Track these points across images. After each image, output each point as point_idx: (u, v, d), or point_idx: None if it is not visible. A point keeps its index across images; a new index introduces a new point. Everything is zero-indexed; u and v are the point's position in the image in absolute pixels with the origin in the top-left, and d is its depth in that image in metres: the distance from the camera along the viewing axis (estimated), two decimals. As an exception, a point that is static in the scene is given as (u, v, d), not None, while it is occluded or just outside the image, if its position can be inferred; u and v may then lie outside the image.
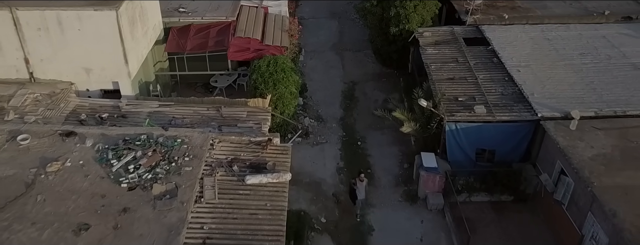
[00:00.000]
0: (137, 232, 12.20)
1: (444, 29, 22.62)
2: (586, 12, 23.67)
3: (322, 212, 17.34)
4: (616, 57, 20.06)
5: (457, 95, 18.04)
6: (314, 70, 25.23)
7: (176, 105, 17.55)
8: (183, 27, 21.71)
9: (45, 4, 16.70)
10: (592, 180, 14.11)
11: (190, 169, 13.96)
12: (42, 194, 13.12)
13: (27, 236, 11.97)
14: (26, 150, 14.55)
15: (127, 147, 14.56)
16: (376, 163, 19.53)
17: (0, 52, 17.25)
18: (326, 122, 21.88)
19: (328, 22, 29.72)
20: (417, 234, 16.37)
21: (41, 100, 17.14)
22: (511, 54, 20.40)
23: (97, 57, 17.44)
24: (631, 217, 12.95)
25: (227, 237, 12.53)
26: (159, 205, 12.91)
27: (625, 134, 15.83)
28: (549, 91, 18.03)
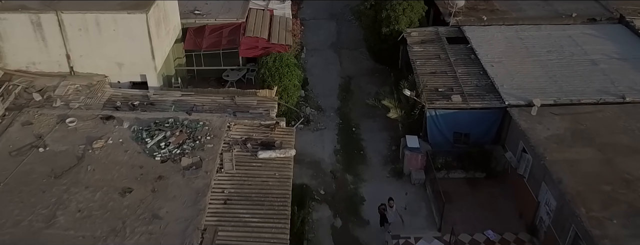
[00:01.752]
0: (171, 194, 14.98)
1: (429, 29, 25.39)
2: (556, 14, 26.41)
3: (321, 185, 20.16)
4: (578, 54, 22.80)
5: (438, 87, 20.82)
6: (314, 66, 28.01)
7: (196, 95, 20.35)
8: (199, 27, 24.48)
9: (86, 7, 19.50)
10: (545, 155, 16.86)
11: (212, 146, 16.74)
12: (91, 164, 15.90)
13: (82, 197, 14.75)
14: (74, 131, 17.34)
15: (158, 128, 17.35)
16: (368, 146, 22.36)
17: (46, 49, 20.04)
18: (325, 111, 24.69)
19: (327, 23, 32.53)
20: (402, 203, 19.12)
21: (81, 90, 19.94)
22: (487, 51, 23.15)
23: (128, 54, 20.23)
24: (573, 183, 15.70)
25: (243, 199, 15.29)
26: (187, 174, 15.69)
27: (577, 118, 18.58)
28: (516, 83, 20.77)
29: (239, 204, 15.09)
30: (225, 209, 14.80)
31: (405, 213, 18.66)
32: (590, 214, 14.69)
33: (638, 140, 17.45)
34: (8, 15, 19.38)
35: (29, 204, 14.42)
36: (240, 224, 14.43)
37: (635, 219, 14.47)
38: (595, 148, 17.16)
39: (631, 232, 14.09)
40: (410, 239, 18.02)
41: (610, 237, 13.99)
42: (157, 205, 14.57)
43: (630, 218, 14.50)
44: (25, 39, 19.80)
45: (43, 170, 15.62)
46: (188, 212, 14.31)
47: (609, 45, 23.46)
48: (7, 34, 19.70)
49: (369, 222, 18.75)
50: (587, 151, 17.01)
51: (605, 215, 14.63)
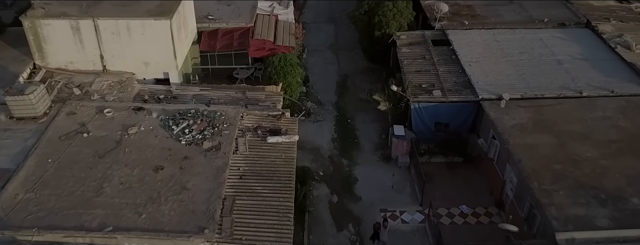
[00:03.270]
0: (196, 171, 17.97)
1: (417, 33, 28.39)
2: (530, 19, 29.39)
3: (320, 168, 23.21)
4: (546, 55, 25.79)
5: (421, 83, 23.82)
6: (314, 66, 31.03)
7: (212, 90, 23.35)
8: (212, 31, 27.45)
9: (118, 14, 22.54)
10: (509, 140, 19.87)
11: (228, 132, 19.74)
12: (128, 147, 18.91)
13: (123, 172, 17.76)
14: (111, 119, 20.36)
15: (182, 118, 20.35)
16: (361, 135, 25.41)
17: (83, 50, 23.05)
18: (324, 105, 27.71)
19: (326, 26, 35.55)
20: (389, 183, 22.17)
21: (113, 85, 22.97)
22: (466, 52, 26.11)
23: (153, 54, 23.24)
24: (530, 163, 18.70)
25: (255, 175, 18.27)
26: (208, 155, 18.70)
27: (539, 110, 21.58)
28: (490, 80, 23.76)
29: (252, 179, 18.08)
30: (241, 182, 17.80)
31: (392, 191, 21.76)
32: (541, 187, 17.71)
33: (588, 128, 20.46)
34: (51, 21, 22.40)
35: (79, 178, 17.44)
36: (254, 194, 17.43)
37: (577, 191, 17.48)
38: (552, 135, 20.18)
39: (573, 201, 17.10)
40: (397, 212, 21.11)
41: (556, 204, 17.00)
42: (184, 179, 17.58)
43: (573, 190, 17.51)
44: (65, 42, 22.81)
45: (88, 151, 18.65)
46: (210, 185, 17.33)
47: (574, 47, 26.45)
48: (50, 37, 22.71)
49: (361, 198, 21.85)
50: (544, 137, 20.03)
51: (554, 188, 17.65)
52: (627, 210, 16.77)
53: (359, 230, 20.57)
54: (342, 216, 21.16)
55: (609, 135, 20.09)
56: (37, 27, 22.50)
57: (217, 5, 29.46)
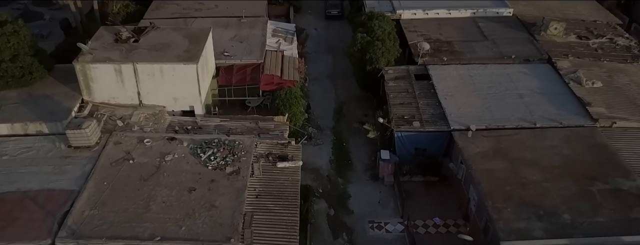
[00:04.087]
0: (221, 191, 22.56)
1: (402, 68, 33.01)
2: (500, 55, 34.03)
3: (319, 186, 27.87)
4: (510, 89, 30.40)
5: (404, 115, 28.44)
6: (315, 94, 35.66)
7: (230, 120, 28.01)
8: (228, 66, 32.09)
9: (153, 59, 27.17)
10: (472, 166, 24.51)
11: (245, 158, 24.36)
12: (166, 172, 23.55)
13: (164, 193, 22.36)
14: (150, 148, 24.98)
15: (208, 146, 24.97)
16: (354, 157, 30.08)
17: (123, 87, 27.66)
18: (323, 130, 32.36)
19: (325, 56, 40.22)
20: (377, 199, 26.80)
21: (148, 117, 27.61)
22: (443, 86, 30.72)
23: (182, 91, 27.84)
24: (487, 185, 23.28)
25: (268, 195, 22.88)
26: (230, 178, 23.32)
27: (499, 140, 26.20)
28: (461, 112, 28.34)
29: (266, 198, 22.70)
30: (257, 201, 22.43)
31: (379, 205, 26.42)
32: (494, 205, 22.33)
33: (537, 156, 25.07)
34: (98, 65, 27.04)
35: (130, 197, 22.06)
36: (267, 210, 22.03)
37: (521, 208, 22.08)
38: (507, 161, 24.80)
39: (517, 216, 21.71)
40: (382, 223, 25.77)
41: (504, 219, 21.61)
42: (212, 198, 22.19)
43: (518, 207, 22.11)
44: (109, 81, 27.42)
45: (135, 175, 23.28)
46: (233, 203, 21.94)
47: (535, 82, 31.08)
48: (97, 78, 27.33)
49: (353, 212, 26.51)
50: (500, 163, 24.64)
51: (504, 206, 22.27)
52: (558, 224, 21.40)
53: (351, 238, 25.20)
54: (338, 227, 25.80)
55: (552, 161, 24.70)
56: (87, 70, 27.14)
57: (231, 42, 34.19)
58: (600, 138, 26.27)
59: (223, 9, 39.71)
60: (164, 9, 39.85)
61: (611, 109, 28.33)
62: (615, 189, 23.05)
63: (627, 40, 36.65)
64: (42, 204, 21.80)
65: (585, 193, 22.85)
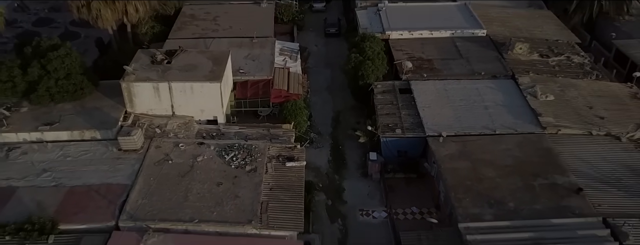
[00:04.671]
0: (242, 185, 28.57)
1: (389, 83, 38.97)
2: (472, 72, 40.04)
3: (319, 181, 33.87)
4: (478, 102, 36.41)
5: (389, 123, 34.45)
6: (315, 104, 41.66)
7: (247, 128, 34.05)
8: (243, 82, 38.11)
9: (185, 79, 33.18)
10: (441, 165, 30.53)
11: (260, 159, 30.37)
12: (198, 170, 29.59)
13: (198, 187, 28.36)
14: (184, 151, 31.01)
15: (230, 150, 31.02)
16: (348, 158, 36.11)
17: (160, 101, 33.64)
18: (323, 135, 38.38)
19: (324, 71, 46.27)
20: (366, 191, 32.87)
21: (180, 126, 33.64)
22: (422, 99, 36.69)
23: (207, 104, 33.86)
24: (452, 180, 29.28)
25: (279, 188, 28.86)
26: (249, 174, 29.38)
27: (465, 144, 32.19)
28: (436, 121, 34.32)
29: (278, 190, 28.68)
30: (271, 192, 28.45)
31: (368, 197, 32.49)
32: (456, 196, 28.32)
33: (494, 157, 31.04)
34: (140, 83, 33.10)
35: (172, 190, 28.08)
36: (278, 200, 28.02)
37: (477, 198, 28.05)
38: (469, 161, 30.80)
39: (473, 205, 27.70)
40: (370, 211, 31.83)
41: (463, 207, 27.57)
42: (236, 190, 28.21)
43: (475, 198, 28.10)
44: (147, 96, 33.45)
45: (174, 173, 29.32)
46: (252, 194, 27.94)
47: (499, 96, 37.06)
48: (138, 93, 33.36)
49: (347, 202, 32.54)
50: (464, 163, 30.64)
51: (464, 196, 28.28)
52: (504, 210, 27.42)
53: (345, 223, 31.27)
54: (334, 214, 31.85)
55: (505, 162, 30.72)
56: (130, 87, 33.20)
57: (245, 61, 40.22)
58: (546, 143, 32.30)
59: (237, 30, 45.75)
60: (185, 29, 45.91)
61: (558, 119, 34.34)
62: (552, 183, 29.09)
63: (581, 58, 42.69)
64: (103, 194, 27.87)
65: (528, 186, 28.90)
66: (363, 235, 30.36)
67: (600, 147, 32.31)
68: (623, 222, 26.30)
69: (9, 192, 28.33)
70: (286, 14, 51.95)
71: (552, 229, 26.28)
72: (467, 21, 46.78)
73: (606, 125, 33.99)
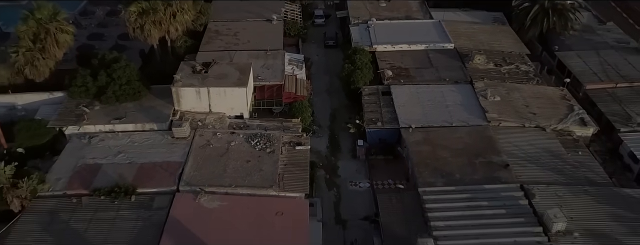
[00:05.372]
0: (265, 162, 39.28)
1: (374, 87, 49.61)
2: (439, 78, 50.67)
3: (320, 161, 44.57)
4: (441, 102, 47.06)
5: (372, 118, 45.20)
6: (317, 103, 52.33)
7: (265, 121, 44.80)
8: (261, 86, 48.74)
9: (219, 85, 43.88)
10: (410, 149, 41.27)
11: (277, 144, 41.08)
12: (232, 152, 40.33)
13: (233, 163, 39.08)
14: (220, 138, 41.74)
15: (254, 137, 41.75)
16: (342, 144, 46.87)
17: (200, 101, 44.27)
18: (322, 127, 49.10)
19: (324, 77, 56.97)
20: (355, 168, 43.68)
21: (216, 120, 44.34)
22: (399, 100, 47.34)
23: (236, 103, 44.55)
24: (417, 160, 39.97)
25: (291, 164, 39.59)
26: (269, 155, 40.12)
27: (428, 134, 42.85)
28: (408, 117, 44.96)
29: (290, 166, 39.43)
30: (285, 168, 39.20)
31: (356, 172, 43.27)
32: (418, 170, 39.10)
33: (449, 143, 41.70)
34: (185, 88, 43.82)
35: (214, 165, 38.80)
36: (291, 173, 38.75)
37: (434, 172, 38.78)
38: (431, 146, 41.53)
39: (430, 176, 38.41)
40: (357, 182, 42.60)
41: (423, 177, 38.33)
42: (260, 166, 38.92)
43: (432, 171, 38.86)
44: (191, 97, 44.14)
45: (215, 154, 40.06)
46: (272, 168, 38.68)
47: (458, 97, 47.75)
48: (184, 96, 44.04)
49: (340, 176, 43.30)
50: (426, 147, 41.37)
51: (424, 170, 39.04)
52: (452, 179, 38.14)
53: (339, 191, 42.01)
54: (331, 185, 42.63)
55: (457, 146, 41.44)
56: (179, 91, 43.91)
57: (262, 70, 50.85)
58: (488, 132, 43.03)
59: (254, 43, 56.31)
60: (212, 43, 56.55)
61: (501, 115, 45.04)
62: (489, 161, 39.84)
63: (528, 67, 53.44)
64: (165, 169, 38.62)
65: (471, 163, 39.66)
66: (352, 199, 41.20)
67: (529, 136, 43.16)
68: (533, 187, 37.08)
69: (96, 167, 39.14)
70: (292, 29, 62.52)
71: (484, 191, 37.09)
72: (439, 36, 57.46)
73: (536, 120, 44.80)
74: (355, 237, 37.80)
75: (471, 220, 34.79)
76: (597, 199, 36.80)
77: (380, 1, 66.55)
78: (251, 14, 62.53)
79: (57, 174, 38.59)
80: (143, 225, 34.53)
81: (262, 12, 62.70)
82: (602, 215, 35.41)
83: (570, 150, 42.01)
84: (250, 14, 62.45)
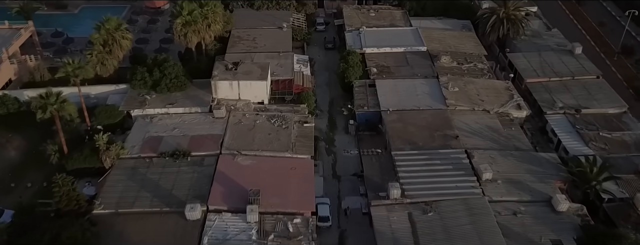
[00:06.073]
0: (283, 135, 54.02)
1: (362, 81, 64.05)
2: (413, 74, 65.25)
3: (321, 136, 59.19)
4: (413, 92, 61.49)
5: (361, 104, 59.84)
6: (319, 93, 66.62)
7: (281, 106, 59.49)
8: (276, 80, 63.26)
9: (246, 79, 58.56)
10: (387, 126, 55.92)
11: (290, 122, 55.81)
12: (258, 127, 55.08)
13: (259, 134, 53.90)
14: (248, 118, 56.48)
15: (273, 117, 56.45)
16: (338, 123, 61.55)
17: (232, 91, 58.91)
18: (323, 111, 63.76)
19: (325, 72, 71.53)
20: (347, 141, 58.36)
21: (244, 105, 59.00)
22: (381, 91, 61.77)
23: (258, 93, 59.11)
24: (392, 133, 54.63)
25: (301, 136, 54.35)
26: (285, 130, 54.83)
27: (402, 115, 57.43)
28: (388, 103, 59.45)
29: (300, 137, 54.15)
30: (296, 139, 53.92)
31: (349, 143, 58.01)
32: (393, 141, 53.79)
33: (416, 121, 56.31)
34: (221, 81, 58.47)
35: (246, 136, 53.56)
36: (300, 142, 53.50)
37: (405, 142, 53.49)
38: (403, 123, 56.22)
39: (401, 144, 53.16)
40: (349, 150, 57.31)
41: (395, 145, 53.04)
42: (278, 137, 53.63)
43: (402, 141, 53.56)
44: (225, 88, 58.73)
45: (245, 129, 54.80)
46: (287, 139, 53.40)
47: (426, 88, 62.27)
48: (220, 87, 58.63)
49: (336, 146, 58.01)
50: (399, 125, 56.04)
51: (396, 140, 53.71)
52: (417, 146, 52.81)
53: (335, 156, 56.69)
54: (329, 152, 57.29)
55: (422, 124, 56.07)
56: (216, 83, 58.57)
57: (276, 67, 65.43)
58: (446, 114, 57.68)
59: (269, 46, 70.71)
60: (236, 46, 71.01)
61: (457, 101, 59.66)
62: (444, 134, 54.50)
63: (483, 65, 68.09)
64: (210, 139, 53.34)
65: (431, 135, 54.35)
66: (344, 162, 55.88)
67: (476, 117, 57.89)
68: (473, 151, 51.79)
69: (159, 138, 53.88)
70: (299, 34, 77.00)
71: (438, 154, 51.81)
72: (415, 41, 72.02)
73: (484, 105, 59.50)
74: (348, 205, 50.71)
75: (427, 172, 49.48)
76: (518, 159, 51.58)
77: (370, 11, 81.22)
78: (266, 22, 77.03)
79: (131, 143, 53.35)
80: (198, 177, 49.22)
81: (275, 21, 77.16)
82: (520, 170, 50.18)
83: (506, 127, 56.72)
84: (265, 23, 76.94)
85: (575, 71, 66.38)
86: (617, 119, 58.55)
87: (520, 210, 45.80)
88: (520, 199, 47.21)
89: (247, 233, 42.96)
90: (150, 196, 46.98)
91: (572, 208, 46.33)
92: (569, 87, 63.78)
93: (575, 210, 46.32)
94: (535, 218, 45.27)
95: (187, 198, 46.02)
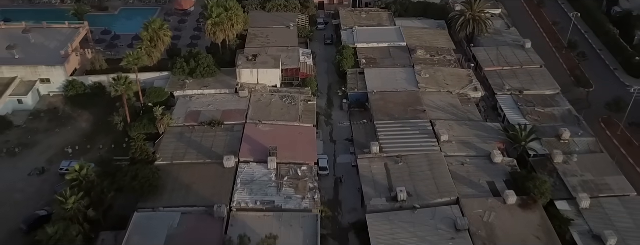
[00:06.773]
0: (291, 109, 70.76)
1: (354, 70, 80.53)
2: (395, 65, 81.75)
3: (321, 112, 75.80)
4: (393, 78, 78.14)
5: (353, 87, 76.43)
6: (320, 80, 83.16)
7: (290, 89, 76.17)
8: (285, 69, 79.64)
9: (260, 67, 75.22)
10: (372, 103, 72.60)
11: (297, 100, 72.52)
12: (273, 104, 71.81)
13: (274, 110, 70.63)
14: (265, 97, 73.25)
15: (284, 97, 73.15)
16: (334, 102, 78.17)
17: (252, 77, 75.58)
18: (322, 93, 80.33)
19: (324, 63, 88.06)
20: (341, 115, 75.00)
21: (262, 88, 75.67)
22: (369, 77, 78.22)
23: (273, 78, 75.72)
24: (376, 109, 71.25)
25: (306, 111, 71.09)
26: (294, 105, 71.56)
27: (383, 95, 73.90)
28: (373, 86, 75.82)
29: (306, 112, 70.90)
30: (304, 113, 70.68)
31: (343, 117, 74.83)
32: (376, 115, 70.46)
33: (395, 99, 72.89)
34: (244, 69, 75.06)
35: (263, 110, 70.25)
36: (305, 114, 70.26)
37: (384, 114, 70.08)
38: (384, 101, 72.87)
39: (382, 116, 69.74)
40: (343, 122, 74.09)
41: (377, 117, 69.71)
42: (289, 111, 70.34)
43: (383, 114, 70.18)
44: (247, 75, 75.20)
45: (263, 105, 71.54)
46: (295, 113, 70.13)
47: (403, 75, 78.78)
48: (243, 74, 75.22)
49: (333, 119, 74.73)
50: (381, 102, 72.67)
51: (378, 114, 70.37)
52: (393, 118, 69.54)
53: (332, 126, 73.37)
54: (328, 123, 73.99)
55: (398, 101, 72.66)
56: (241, 71, 75.25)
57: (285, 59, 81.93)
58: (418, 95, 74.29)
59: (279, 42, 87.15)
60: (253, 42, 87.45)
61: (428, 85, 76.28)
62: (414, 109, 71.09)
63: (451, 57, 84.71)
64: (238, 112, 70.04)
65: (405, 110, 71.03)
66: (339, 130, 72.52)
67: (441, 97, 74.64)
68: (436, 121, 68.49)
69: (198, 112, 70.67)
70: (303, 32, 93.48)
71: (410, 124, 68.49)
72: (398, 37, 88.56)
73: (448, 88, 76.21)
74: (342, 175, 66.66)
75: (400, 136, 66.20)
76: (470, 127, 68.37)
77: (362, 13, 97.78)
78: (275, 22, 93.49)
79: (177, 115, 70.14)
80: (230, 139, 65.98)
81: (283, 21, 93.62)
82: (470, 134, 66.96)
83: (464, 105, 73.41)
84: (275, 23, 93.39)
85: (523, 62, 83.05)
86: (551, 99, 75.23)
87: (466, 162, 62.52)
88: (468, 154, 63.89)
89: (268, 176, 59.65)
90: (196, 152, 63.70)
91: (505, 161, 63.00)
92: (517, 74, 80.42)
93: (508, 163, 63.00)
94: (477, 167, 61.95)
95: (224, 153, 62.63)
